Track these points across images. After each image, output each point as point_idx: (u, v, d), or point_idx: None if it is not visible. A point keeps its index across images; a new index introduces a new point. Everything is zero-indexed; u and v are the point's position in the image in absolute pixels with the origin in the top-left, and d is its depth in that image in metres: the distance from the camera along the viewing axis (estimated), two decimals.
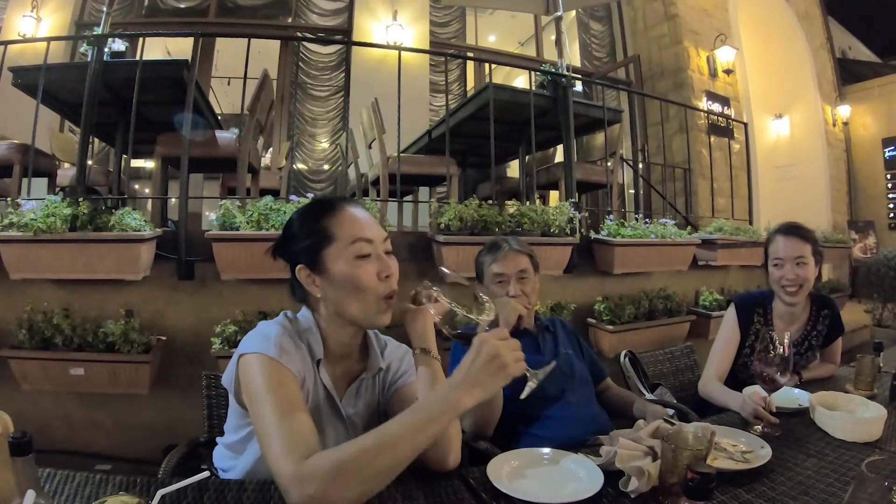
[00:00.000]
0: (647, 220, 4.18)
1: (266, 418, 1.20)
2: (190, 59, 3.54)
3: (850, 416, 1.71)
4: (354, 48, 7.15)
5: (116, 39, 3.62)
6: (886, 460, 1.00)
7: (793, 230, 2.41)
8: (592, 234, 3.96)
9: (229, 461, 1.49)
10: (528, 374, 1.31)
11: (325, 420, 1.41)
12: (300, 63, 7.53)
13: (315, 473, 1.07)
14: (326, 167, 7.62)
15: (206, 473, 1.09)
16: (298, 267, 1.40)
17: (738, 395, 1.94)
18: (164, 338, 2.97)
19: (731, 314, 2.50)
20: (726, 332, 2.49)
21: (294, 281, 1.44)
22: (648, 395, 2.49)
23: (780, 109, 10.47)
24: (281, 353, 1.30)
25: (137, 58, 3.45)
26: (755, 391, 1.84)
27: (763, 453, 1.47)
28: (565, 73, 4.29)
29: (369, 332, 1.54)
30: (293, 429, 1.17)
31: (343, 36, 7.65)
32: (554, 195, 5.42)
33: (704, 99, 8.09)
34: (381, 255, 1.38)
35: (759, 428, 1.71)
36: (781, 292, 2.38)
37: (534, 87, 4.26)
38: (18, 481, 0.89)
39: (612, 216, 4.20)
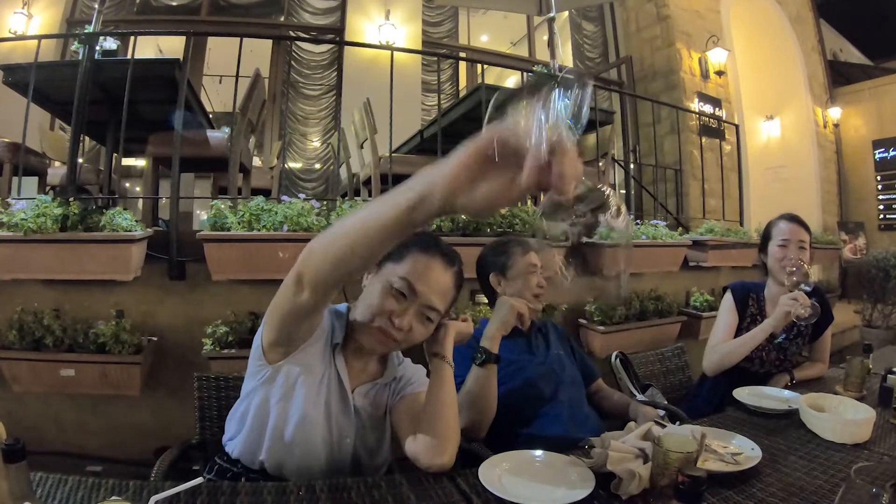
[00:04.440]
0: (638, 220, 4.20)
1: None
2: (182, 58, 3.52)
3: (839, 417, 1.73)
4: (347, 47, 7.15)
5: (108, 38, 3.59)
6: (875, 466, 1.01)
7: (797, 218, 2.62)
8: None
9: (236, 425, 1.51)
10: None
11: (334, 402, 1.49)
12: (292, 62, 7.52)
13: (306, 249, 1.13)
14: (318, 166, 7.61)
15: (200, 479, 1.10)
16: None
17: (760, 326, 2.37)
18: (155, 338, 2.95)
19: (728, 299, 2.63)
20: (726, 314, 2.61)
21: None
22: (639, 396, 2.50)
23: (771, 111, 10.51)
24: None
25: (129, 56, 3.44)
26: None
27: (753, 455, 1.48)
28: (557, 73, 4.29)
29: None
30: None
31: (335, 35, 7.65)
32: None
33: (696, 100, 8.12)
34: (411, 307, 1.43)
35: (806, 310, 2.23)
36: (781, 273, 2.48)
37: None
38: (11, 488, 0.88)
39: None
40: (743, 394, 2.06)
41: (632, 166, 7.31)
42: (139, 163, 6.19)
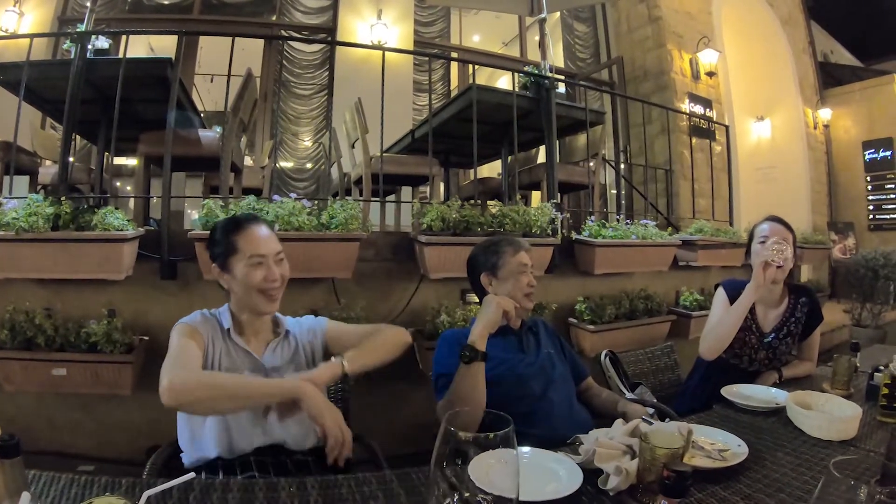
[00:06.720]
0: (628, 220, 4.21)
1: (170, 350, 1.65)
2: (173, 57, 3.51)
3: (825, 415, 1.75)
4: (339, 47, 7.13)
5: (100, 36, 3.58)
6: (853, 460, 1.03)
7: (778, 218, 2.66)
8: (574, 235, 3.98)
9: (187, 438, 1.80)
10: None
11: (247, 372, 1.83)
12: (284, 61, 7.51)
13: (183, 376, 1.54)
14: (309, 166, 7.60)
15: (192, 475, 1.11)
16: (213, 265, 1.88)
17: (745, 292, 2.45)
18: (146, 338, 2.95)
19: (721, 295, 2.63)
20: (720, 305, 2.61)
21: None
22: (629, 395, 2.51)
23: (761, 112, 10.59)
24: (196, 321, 1.83)
25: (121, 55, 3.43)
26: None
27: (740, 451, 1.50)
28: (548, 74, 4.30)
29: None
30: (185, 358, 1.63)
31: (327, 34, 7.63)
32: (536, 195, 5.46)
33: (687, 101, 8.16)
34: (270, 264, 1.83)
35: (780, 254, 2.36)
36: None
37: (517, 89, 4.27)
38: (7, 483, 0.89)
39: (593, 217, 4.23)
40: (731, 391, 2.08)
41: (622, 166, 7.35)
42: (130, 162, 6.17)
